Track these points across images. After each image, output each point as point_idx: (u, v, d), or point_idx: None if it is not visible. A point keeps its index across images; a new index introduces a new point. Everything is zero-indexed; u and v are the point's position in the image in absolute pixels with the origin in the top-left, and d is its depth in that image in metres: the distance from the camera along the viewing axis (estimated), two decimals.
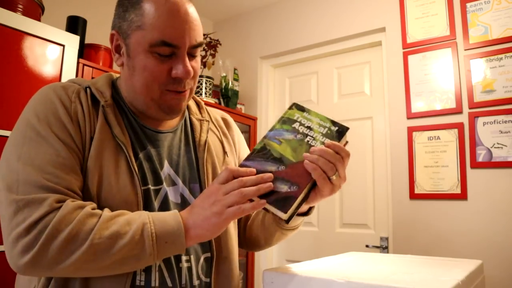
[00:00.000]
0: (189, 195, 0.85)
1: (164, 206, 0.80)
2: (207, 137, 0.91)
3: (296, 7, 2.89)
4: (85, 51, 2.10)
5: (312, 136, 0.76)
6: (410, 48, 2.34)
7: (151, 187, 0.80)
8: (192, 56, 0.81)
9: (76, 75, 1.90)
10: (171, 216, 0.70)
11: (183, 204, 0.83)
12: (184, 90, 0.81)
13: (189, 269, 0.79)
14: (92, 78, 1.99)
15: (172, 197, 0.82)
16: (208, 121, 0.96)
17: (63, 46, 1.83)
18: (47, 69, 1.76)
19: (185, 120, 0.94)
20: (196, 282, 0.80)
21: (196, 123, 0.93)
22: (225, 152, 0.95)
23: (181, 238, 0.68)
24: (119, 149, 0.77)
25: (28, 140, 0.71)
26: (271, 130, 0.78)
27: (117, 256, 0.65)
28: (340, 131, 0.77)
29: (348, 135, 0.81)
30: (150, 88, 0.79)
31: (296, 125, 0.78)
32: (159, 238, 0.67)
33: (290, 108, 0.82)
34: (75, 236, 0.63)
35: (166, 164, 0.84)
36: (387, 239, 2.35)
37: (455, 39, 2.20)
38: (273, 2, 3.00)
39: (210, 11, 3.16)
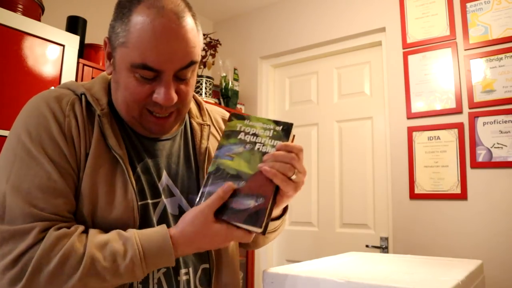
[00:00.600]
0: (187, 206, 0.82)
1: (163, 219, 0.78)
2: (207, 144, 0.87)
3: (296, 7, 2.89)
4: (85, 51, 2.10)
5: (261, 143, 0.74)
6: (410, 48, 2.34)
7: (150, 201, 0.77)
8: (180, 80, 0.74)
9: (76, 75, 1.90)
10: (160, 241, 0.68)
11: (181, 216, 0.80)
12: (166, 115, 0.76)
13: (188, 282, 0.78)
14: (92, 78, 1.99)
15: (170, 209, 0.80)
16: (209, 125, 0.91)
17: (63, 46, 1.83)
18: (47, 69, 1.77)
19: (185, 125, 0.89)
20: None
21: (197, 128, 0.89)
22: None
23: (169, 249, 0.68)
24: (115, 163, 0.73)
25: (18, 159, 0.68)
26: (218, 148, 0.75)
27: (108, 283, 0.65)
28: (286, 129, 0.76)
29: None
30: (130, 107, 0.75)
31: (241, 135, 0.76)
32: (149, 264, 0.67)
33: (229, 120, 0.78)
34: (60, 271, 0.62)
35: (164, 174, 0.81)
36: (387, 239, 2.35)
37: (455, 39, 2.20)
38: (273, 2, 3.00)
39: (210, 11, 3.16)
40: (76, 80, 1.90)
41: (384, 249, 2.36)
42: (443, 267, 0.85)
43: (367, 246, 2.41)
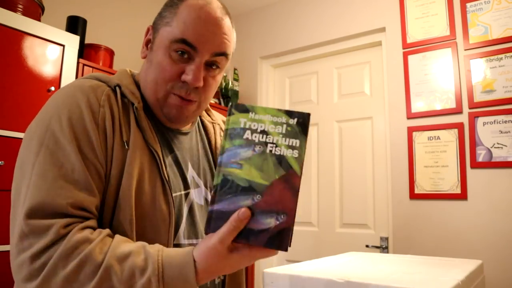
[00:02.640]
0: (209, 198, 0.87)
1: (191, 210, 0.81)
2: (221, 140, 0.92)
3: (296, 7, 2.89)
4: (85, 51, 2.10)
5: (272, 143, 0.61)
6: (410, 48, 2.34)
7: (182, 192, 0.80)
8: (210, 67, 0.79)
9: (76, 75, 1.90)
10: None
11: (206, 207, 0.85)
12: (189, 99, 0.78)
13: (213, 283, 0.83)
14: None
15: (197, 199, 0.83)
16: (218, 124, 0.96)
17: (63, 46, 1.83)
18: (47, 69, 1.77)
19: (198, 123, 0.94)
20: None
21: (209, 126, 0.94)
22: None
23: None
24: (151, 156, 0.76)
25: (45, 148, 0.67)
26: (222, 153, 0.62)
27: None
28: (302, 122, 0.62)
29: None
30: (158, 86, 0.77)
31: (248, 134, 0.62)
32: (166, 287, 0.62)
33: (230, 113, 0.63)
34: (75, 277, 0.60)
35: (189, 166, 0.85)
36: (387, 239, 2.35)
37: (455, 39, 2.20)
38: (273, 2, 3.00)
39: None
40: None
41: (384, 249, 2.36)
42: (443, 267, 0.85)
43: (367, 246, 2.41)
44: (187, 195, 0.81)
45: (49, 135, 0.67)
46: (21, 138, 1.65)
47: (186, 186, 0.82)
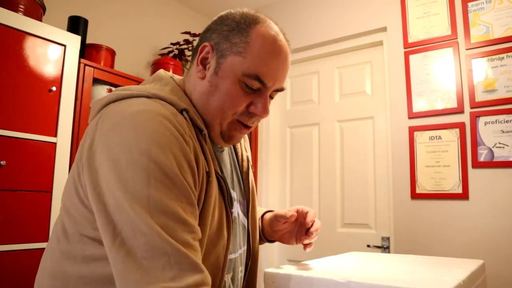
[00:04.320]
0: (240, 211, 0.89)
1: (235, 225, 0.84)
2: (247, 153, 0.96)
3: (297, 7, 2.89)
4: (87, 51, 2.11)
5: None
6: (411, 48, 2.34)
7: (233, 210, 0.83)
8: (270, 98, 0.81)
9: (78, 75, 1.90)
10: None
11: (238, 219, 0.88)
12: (251, 126, 0.81)
13: (241, 278, 0.88)
14: (94, 78, 1.99)
15: (235, 213, 0.85)
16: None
17: (65, 46, 1.83)
18: (49, 69, 1.77)
19: None
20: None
21: None
22: (250, 166, 0.98)
23: None
24: (219, 185, 0.77)
25: (153, 179, 0.58)
26: None
27: None
28: None
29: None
30: (224, 113, 0.77)
31: None
32: None
33: None
34: None
35: (229, 183, 0.87)
36: (388, 239, 2.35)
37: (456, 38, 2.20)
38: (273, 2, 3.00)
39: (210, 10, 3.16)
40: (77, 80, 1.90)
41: (385, 249, 2.35)
42: (445, 267, 0.85)
43: (368, 246, 2.40)
44: (233, 212, 0.84)
45: (153, 164, 0.59)
46: (23, 138, 1.65)
47: (232, 203, 0.83)
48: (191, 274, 0.55)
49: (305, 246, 0.97)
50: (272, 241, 1.08)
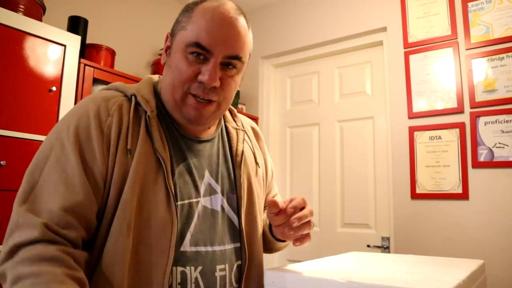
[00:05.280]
0: (227, 205, 0.87)
1: (204, 217, 0.82)
2: (243, 147, 0.93)
3: (297, 7, 2.89)
4: (87, 51, 2.11)
5: None
6: (411, 48, 2.34)
7: (192, 200, 0.81)
8: (226, 67, 0.80)
9: (78, 75, 1.90)
10: None
11: (223, 213, 0.85)
12: (207, 98, 0.79)
13: (223, 277, 0.81)
14: (94, 78, 1.99)
15: (213, 206, 0.84)
16: (243, 130, 0.96)
17: (65, 46, 1.83)
18: (49, 69, 1.77)
19: (221, 129, 0.94)
20: None
21: (233, 132, 0.94)
22: (257, 163, 0.96)
23: None
24: (158, 164, 0.77)
25: (53, 154, 0.73)
26: None
27: None
28: None
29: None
30: (175, 88, 0.79)
31: None
32: None
33: None
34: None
35: (206, 173, 0.86)
36: (388, 239, 2.35)
37: (456, 38, 2.20)
38: (274, 2, 3.00)
39: None
40: (77, 80, 1.90)
41: (385, 249, 2.35)
42: (445, 267, 0.85)
43: (368, 246, 2.41)
44: (197, 202, 0.82)
45: (59, 142, 0.73)
46: (23, 138, 1.65)
47: (198, 194, 0.82)
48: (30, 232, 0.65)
49: (294, 240, 0.82)
50: (283, 241, 0.96)
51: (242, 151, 0.92)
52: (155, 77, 0.92)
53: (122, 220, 0.71)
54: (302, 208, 0.80)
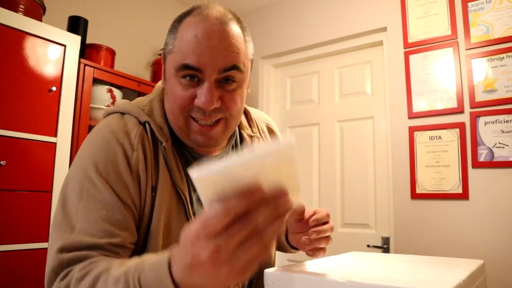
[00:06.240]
0: None
1: None
2: None
3: (297, 7, 2.88)
4: (87, 51, 2.11)
5: None
6: (411, 48, 2.34)
7: None
8: (225, 83, 0.74)
9: (78, 75, 1.90)
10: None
11: None
12: (210, 123, 0.75)
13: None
14: (94, 78, 1.99)
15: None
16: (259, 137, 0.92)
17: (65, 46, 1.83)
18: (49, 69, 1.77)
19: (236, 137, 0.89)
20: None
21: (248, 140, 0.90)
22: None
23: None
24: (178, 196, 0.76)
25: (85, 192, 0.68)
26: None
27: None
28: None
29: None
30: (176, 116, 0.76)
31: None
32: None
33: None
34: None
35: None
36: (388, 239, 2.35)
37: (456, 38, 2.20)
38: (274, 2, 3.00)
39: None
40: (77, 80, 1.90)
41: (385, 249, 2.35)
42: (445, 267, 0.85)
43: (368, 246, 2.40)
44: None
45: (87, 180, 0.69)
46: (23, 138, 1.65)
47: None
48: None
49: (308, 249, 0.82)
50: (296, 249, 0.95)
51: None
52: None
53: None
54: (325, 223, 0.80)
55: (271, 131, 1.02)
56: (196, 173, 0.39)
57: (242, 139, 0.90)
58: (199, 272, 0.43)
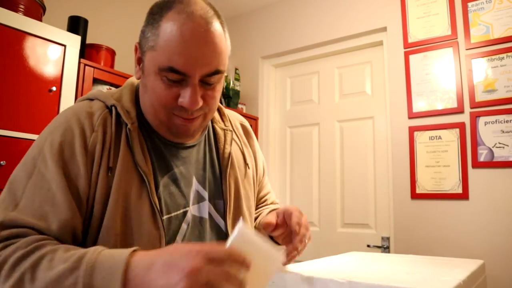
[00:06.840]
0: (215, 211, 0.84)
1: (194, 226, 0.80)
2: (230, 149, 0.89)
3: (297, 7, 2.88)
4: (87, 51, 2.10)
5: None
6: (411, 48, 2.34)
7: (179, 212, 0.78)
8: (207, 85, 0.75)
9: (78, 75, 1.90)
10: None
11: (211, 220, 0.83)
12: (192, 117, 0.76)
13: None
14: (94, 78, 1.99)
15: (202, 213, 0.82)
16: (231, 131, 0.93)
17: (65, 46, 1.83)
18: (49, 69, 1.77)
19: (208, 130, 0.91)
20: None
21: (220, 133, 0.91)
22: (246, 164, 0.93)
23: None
24: (141, 179, 0.74)
25: (37, 171, 0.69)
26: None
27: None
28: None
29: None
30: (157, 111, 0.76)
31: None
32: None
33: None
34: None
35: (194, 180, 0.83)
36: (388, 239, 2.35)
37: (456, 38, 2.20)
38: (274, 2, 3.00)
39: None
40: (77, 80, 1.90)
41: (385, 249, 2.35)
42: (445, 267, 0.85)
43: (368, 246, 2.40)
44: (186, 212, 0.79)
45: (41, 158, 0.70)
46: (23, 138, 1.65)
47: (187, 203, 0.80)
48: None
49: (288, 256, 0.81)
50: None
51: (229, 154, 0.88)
52: (137, 81, 0.87)
53: (106, 242, 0.68)
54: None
55: (246, 130, 1.03)
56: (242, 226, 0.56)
57: (215, 133, 0.91)
58: (168, 274, 0.52)
